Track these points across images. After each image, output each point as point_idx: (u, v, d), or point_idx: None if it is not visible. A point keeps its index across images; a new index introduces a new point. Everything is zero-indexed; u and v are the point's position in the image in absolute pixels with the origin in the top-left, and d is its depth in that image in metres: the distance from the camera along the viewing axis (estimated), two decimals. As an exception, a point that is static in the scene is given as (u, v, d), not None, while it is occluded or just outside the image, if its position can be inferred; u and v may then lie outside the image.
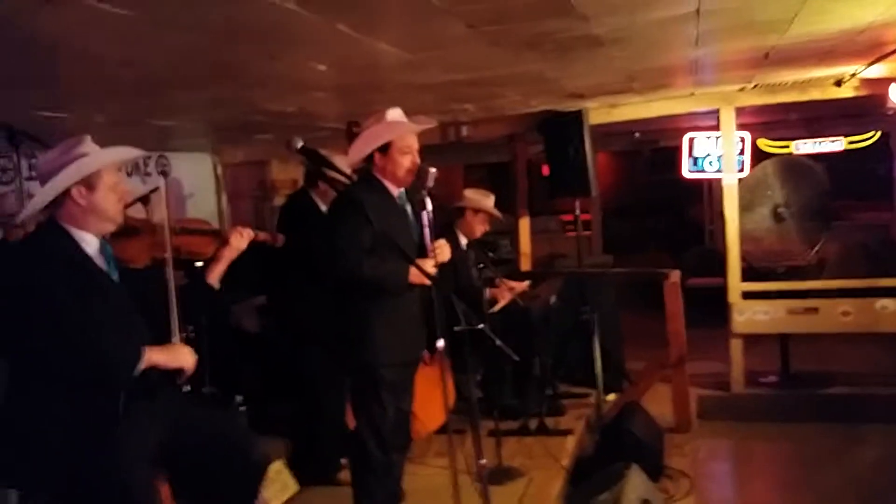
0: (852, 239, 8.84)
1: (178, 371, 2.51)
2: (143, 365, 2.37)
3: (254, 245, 2.85)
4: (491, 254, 6.58)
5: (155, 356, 2.42)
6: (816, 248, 6.44)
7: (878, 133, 10.44)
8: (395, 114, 3.22)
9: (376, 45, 2.75)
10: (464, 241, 4.88)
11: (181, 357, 2.51)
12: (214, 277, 2.72)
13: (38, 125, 3.40)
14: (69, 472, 2.31)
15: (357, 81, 3.51)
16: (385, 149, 3.19)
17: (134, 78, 2.85)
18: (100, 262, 2.47)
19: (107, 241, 2.53)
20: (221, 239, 2.77)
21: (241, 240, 2.77)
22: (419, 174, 3.17)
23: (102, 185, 2.43)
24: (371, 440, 3.20)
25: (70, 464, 2.30)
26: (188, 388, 2.65)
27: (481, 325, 3.11)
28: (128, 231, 2.62)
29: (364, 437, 3.22)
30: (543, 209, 9.37)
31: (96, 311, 2.36)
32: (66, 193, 2.40)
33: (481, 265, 4.79)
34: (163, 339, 2.53)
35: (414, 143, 3.23)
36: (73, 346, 2.31)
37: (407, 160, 3.19)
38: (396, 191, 3.28)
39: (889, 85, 5.01)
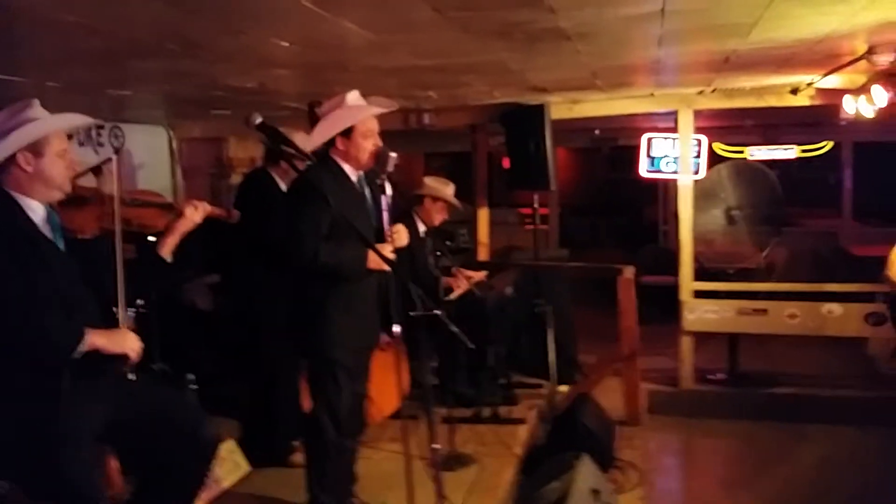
0: (802, 244, 9.06)
1: (123, 357, 2.40)
2: (84, 347, 2.28)
3: (208, 222, 2.78)
4: (449, 242, 6.58)
5: (98, 340, 2.32)
6: (766, 252, 6.59)
7: (831, 143, 10.73)
8: (354, 97, 3.20)
9: (341, 24, 2.71)
10: (422, 228, 4.87)
11: (125, 343, 2.40)
12: (166, 250, 2.65)
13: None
14: (12, 451, 2.24)
15: (321, 60, 3.47)
16: (348, 133, 3.16)
17: (93, 46, 2.77)
18: (46, 230, 2.40)
19: (54, 209, 2.45)
20: (175, 212, 2.71)
21: (195, 212, 2.69)
22: (379, 158, 3.15)
23: (50, 151, 2.36)
24: (327, 422, 3.18)
25: (13, 442, 2.23)
26: (133, 376, 2.56)
27: (437, 311, 3.11)
28: (76, 200, 2.54)
29: (320, 418, 3.19)
30: (502, 201, 9.40)
31: (40, 283, 2.29)
32: (11, 159, 2.32)
33: (438, 253, 4.79)
34: (110, 312, 2.45)
35: (375, 126, 3.21)
36: (13, 319, 2.23)
37: (370, 143, 3.18)
38: (355, 174, 3.26)
39: (843, 96, 5.10)
